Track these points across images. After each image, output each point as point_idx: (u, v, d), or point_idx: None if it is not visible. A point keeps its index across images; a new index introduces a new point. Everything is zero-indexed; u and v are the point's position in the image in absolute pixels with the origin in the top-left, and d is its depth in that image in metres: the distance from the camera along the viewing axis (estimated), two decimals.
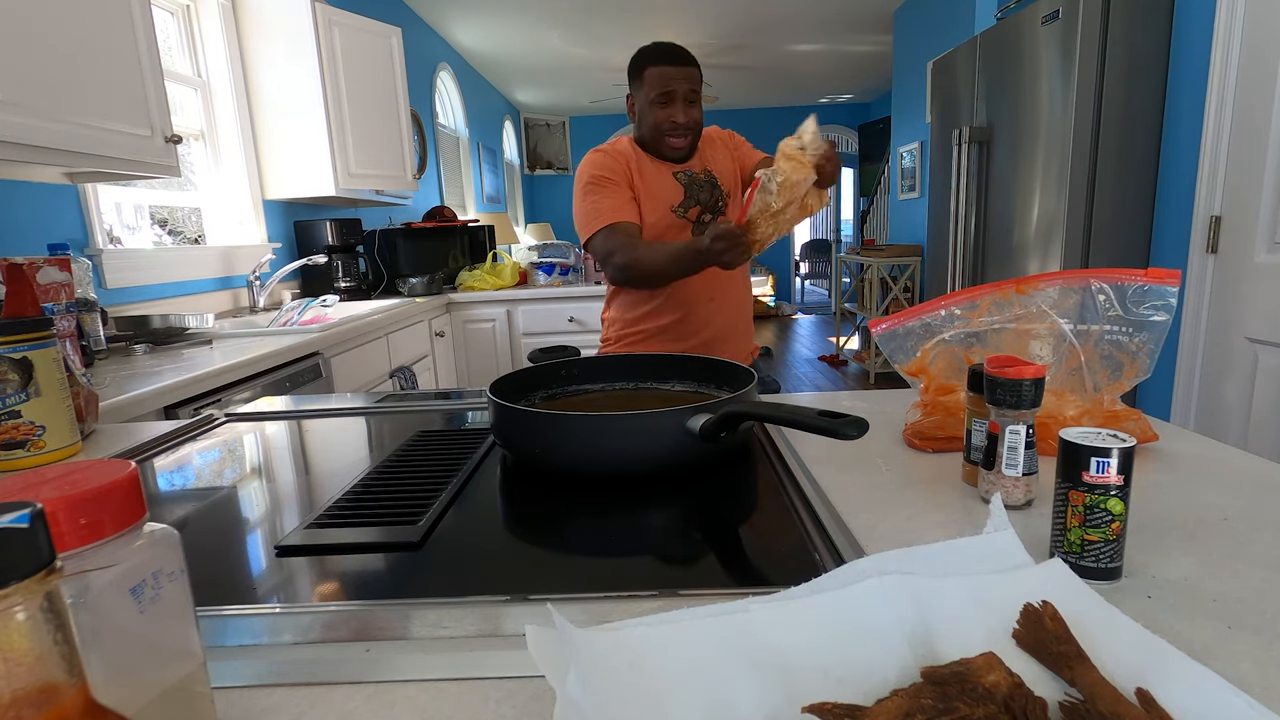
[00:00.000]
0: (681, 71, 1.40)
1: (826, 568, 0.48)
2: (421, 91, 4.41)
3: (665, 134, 1.41)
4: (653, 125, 1.42)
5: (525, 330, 3.17)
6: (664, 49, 1.41)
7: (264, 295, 2.50)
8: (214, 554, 0.58)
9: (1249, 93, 1.87)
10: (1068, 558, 0.46)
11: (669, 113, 1.40)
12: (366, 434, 0.93)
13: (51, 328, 0.80)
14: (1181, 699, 0.33)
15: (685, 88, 1.40)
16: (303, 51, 2.62)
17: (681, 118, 1.40)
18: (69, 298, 1.33)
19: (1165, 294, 0.68)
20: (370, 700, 0.38)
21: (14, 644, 0.21)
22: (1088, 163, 2.27)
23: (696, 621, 0.40)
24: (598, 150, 1.47)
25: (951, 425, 0.73)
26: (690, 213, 1.47)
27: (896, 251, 4.83)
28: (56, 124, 1.37)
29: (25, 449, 0.78)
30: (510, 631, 0.43)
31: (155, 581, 0.29)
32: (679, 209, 1.46)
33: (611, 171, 1.43)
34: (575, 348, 1.00)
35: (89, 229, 1.89)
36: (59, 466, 0.30)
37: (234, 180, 2.66)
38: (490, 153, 6.28)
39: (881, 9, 4.90)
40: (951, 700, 0.32)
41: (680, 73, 1.39)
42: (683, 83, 1.40)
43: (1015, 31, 2.51)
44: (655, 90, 1.39)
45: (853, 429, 0.57)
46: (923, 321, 0.75)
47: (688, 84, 1.40)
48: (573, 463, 0.70)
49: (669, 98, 1.39)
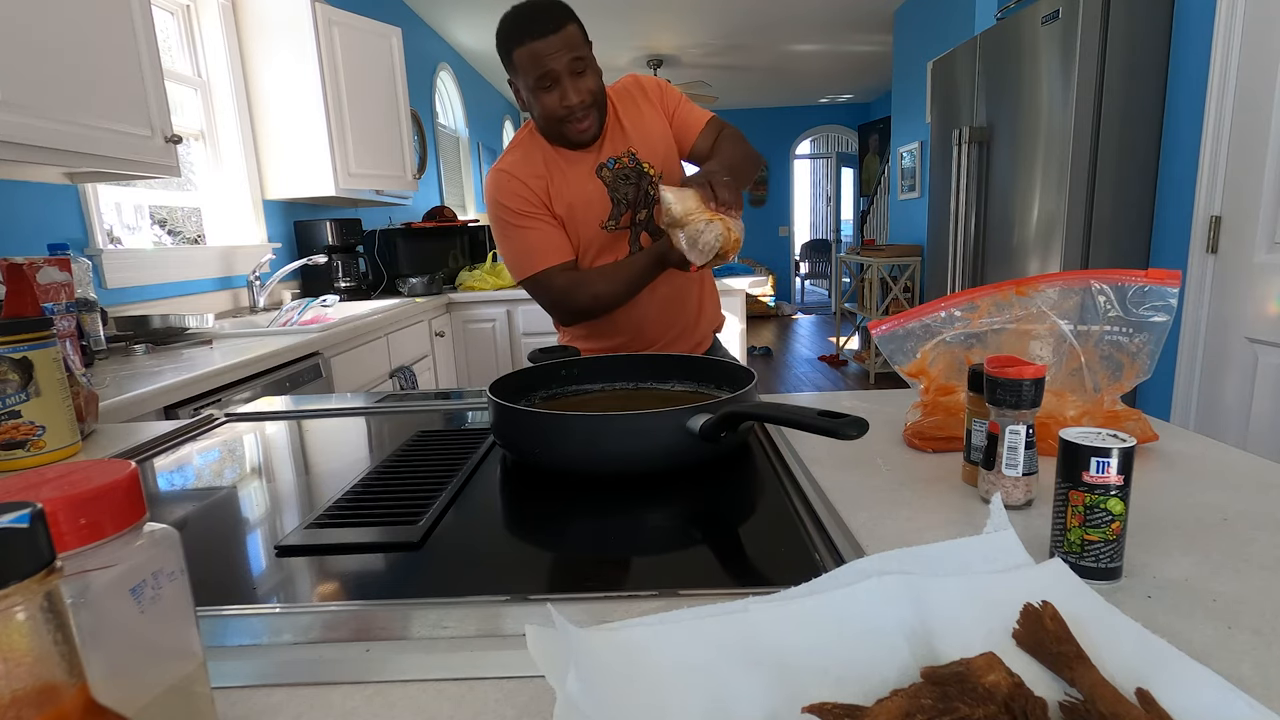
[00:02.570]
0: (555, 42, 1.11)
1: (826, 568, 0.48)
2: (421, 91, 4.41)
3: (562, 122, 1.18)
4: (544, 116, 1.18)
5: (525, 330, 3.17)
6: (525, 19, 1.12)
7: (264, 295, 2.50)
8: (214, 554, 0.58)
9: (1249, 93, 1.87)
10: (1068, 558, 0.46)
11: (556, 97, 1.15)
12: (366, 434, 0.93)
13: (51, 328, 0.80)
14: (1181, 699, 0.33)
15: (566, 59, 1.12)
16: (303, 51, 2.62)
17: (573, 98, 1.15)
18: (69, 298, 1.33)
19: (1165, 294, 0.68)
20: (370, 700, 0.38)
21: (14, 644, 0.21)
22: (1088, 163, 2.27)
23: (696, 621, 0.40)
24: (503, 171, 1.24)
25: (951, 425, 0.73)
26: (623, 219, 1.26)
27: (896, 251, 4.83)
28: (56, 124, 1.37)
29: (25, 449, 0.78)
30: (510, 631, 0.43)
31: (155, 581, 0.29)
32: (609, 223, 1.26)
33: (525, 202, 1.22)
34: (575, 348, 1.00)
35: (89, 229, 1.89)
36: (59, 466, 0.30)
37: (234, 180, 2.66)
38: (490, 153, 6.28)
39: (881, 9, 4.90)
40: (951, 700, 0.32)
41: (554, 43, 1.11)
42: (561, 55, 1.11)
43: (1015, 31, 2.51)
44: (531, 75, 1.13)
45: (853, 429, 0.57)
46: (923, 323, 0.75)
47: (567, 53, 1.12)
48: (573, 463, 0.70)
49: (551, 79, 1.13)
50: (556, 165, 1.24)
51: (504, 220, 1.25)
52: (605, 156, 1.25)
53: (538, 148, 1.26)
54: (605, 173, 1.25)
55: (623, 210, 1.26)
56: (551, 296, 1.27)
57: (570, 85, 1.14)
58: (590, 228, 1.26)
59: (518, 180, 1.23)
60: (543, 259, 1.24)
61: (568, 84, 1.14)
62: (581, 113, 1.17)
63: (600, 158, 1.25)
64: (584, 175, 1.25)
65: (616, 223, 1.26)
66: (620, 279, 1.23)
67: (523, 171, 1.23)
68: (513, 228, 1.24)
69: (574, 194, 1.24)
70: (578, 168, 1.25)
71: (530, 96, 1.18)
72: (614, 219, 1.26)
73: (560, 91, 1.15)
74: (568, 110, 1.16)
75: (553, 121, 1.18)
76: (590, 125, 1.20)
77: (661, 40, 5.50)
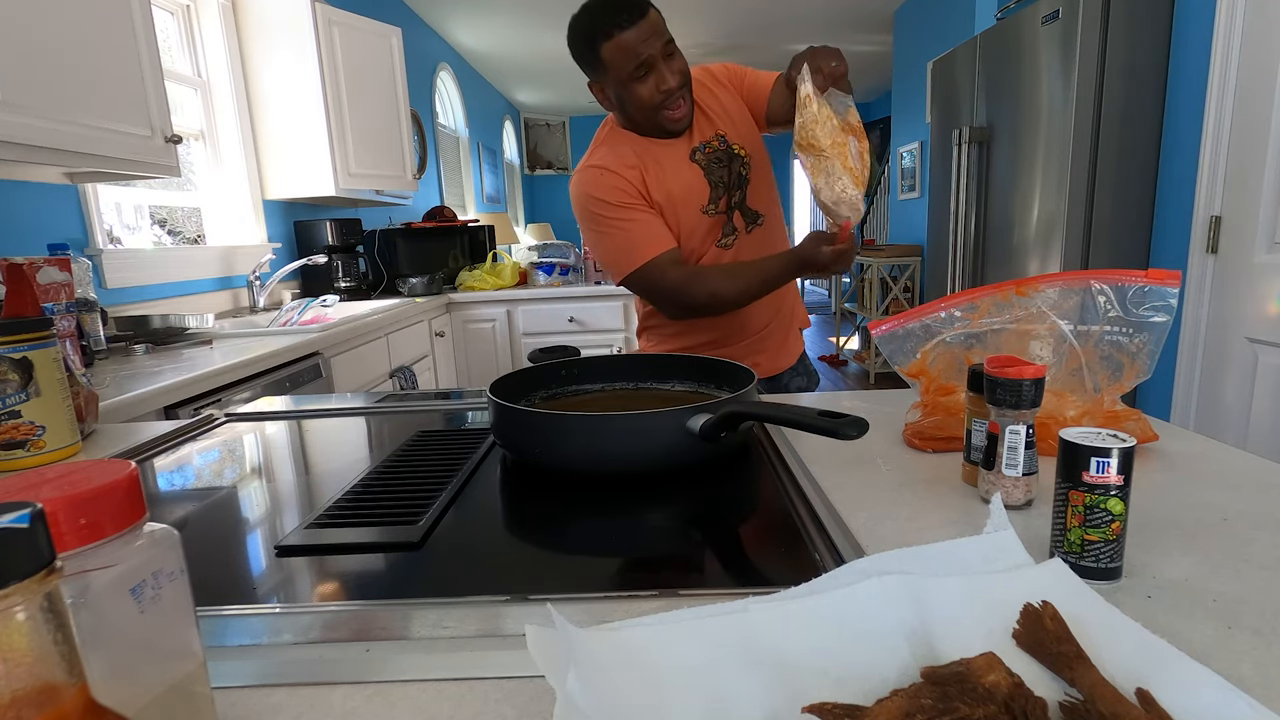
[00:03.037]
0: (644, 28, 1.09)
1: (826, 568, 0.48)
2: (421, 91, 4.41)
3: (658, 109, 1.15)
4: (641, 106, 1.16)
5: (525, 330, 3.17)
6: (607, 12, 1.10)
7: (264, 295, 2.50)
8: (214, 554, 0.58)
9: (1249, 93, 1.87)
10: (1068, 558, 0.46)
11: (652, 84, 1.13)
12: (366, 434, 0.93)
13: (51, 328, 0.80)
14: (1181, 699, 0.33)
15: (658, 45, 1.10)
16: (303, 51, 2.63)
17: (670, 81, 1.13)
18: (69, 298, 1.33)
19: (1165, 295, 0.68)
20: (370, 700, 0.38)
21: (14, 644, 0.21)
22: (1088, 163, 2.27)
23: (696, 622, 0.40)
24: (594, 166, 1.21)
25: (951, 425, 0.73)
26: (721, 203, 1.24)
27: (896, 251, 4.83)
28: (56, 124, 1.37)
29: (25, 449, 0.78)
30: (510, 631, 0.43)
31: (155, 581, 0.29)
32: (710, 207, 1.23)
33: (623, 194, 1.19)
34: (575, 348, 1.00)
35: (89, 229, 1.89)
36: (59, 466, 0.30)
37: (234, 180, 2.66)
38: (490, 153, 6.28)
39: (881, 9, 4.90)
40: (951, 700, 0.32)
41: (643, 30, 1.09)
42: (652, 41, 1.10)
43: (1015, 31, 2.51)
44: (625, 68, 1.11)
45: (853, 429, 0.57)
46: (923, 323, 0.75)
47: (657, 38, 1.10)
48: (573, 463, 0.70)
49: (646, 67, 1.11)
50: (649, 154, 1.22)
51: (600, 216, 1.21)
52: (696, 141, 1.24)
53: (625, 141, 1.24)
54: (699, 156, 1.23)
55: (720, 194, 1.24)
56: (664, 290, 1.22)
57: (665, 69, 1.12)
58: (692, 213, 1.23)
59: (611, 173, 1.20)
60: (649, 249, 1.20)
61: (663, 69, 1.12)
62: (678, 96, 1.16)
63: (692, 143, 1.24)
64: (679, 161, 1.23)
65: (716, 206, 1.24)
66: (744, 277, 1.18)
67: (616, 164, 1.20)
68: (610, 223, 1.21)
69: (672, 181, 1.22)
70: (671, 154, 1.23)
71: (621, 91, 1.16)
72: (713, 202, 1.24)
73: (656, 77, 1.13)
74: (665, 95, 1.14)
75: (648, 110, 1.16)
76: (685, 108, 1.18)
77: None
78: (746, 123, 1.27)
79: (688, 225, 1.24)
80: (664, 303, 1.27)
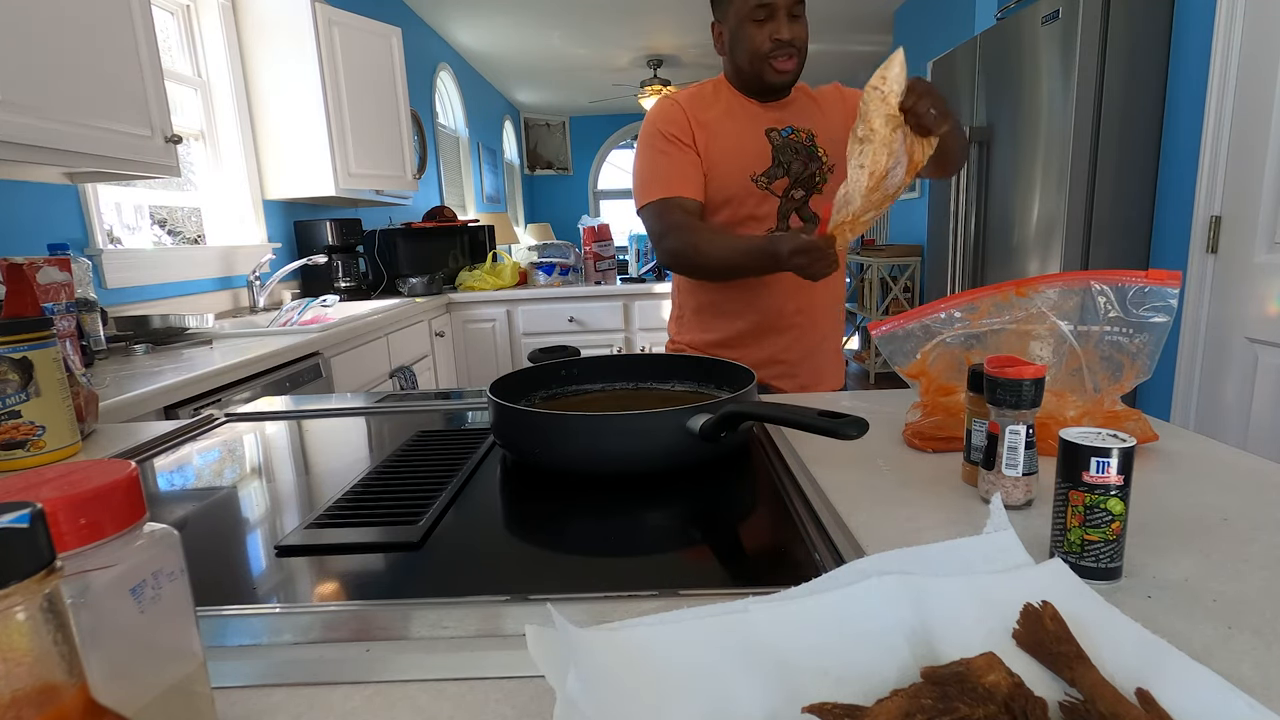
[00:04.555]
0: None
1: (826, 568, 0.48)
2: (421, 91, 4.41)
3: (768, 56, 1.16)
4: (750, 50, 1.17)
5: (525, 330, 3.17)
6: None
7: (264, 295, 2.50)
8: (214, 554, 0.58)
9: (1249, 93, 1.87)
10: (1068, 558, 0.46)
11: (771, 29, 1.15)
12: (366, 434, 0.93)
13: (51, 328, 0.80)
14: (1181, 699, 0.33)
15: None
16: (303, 51, 2.62)
17: (786, 33, 1.15)
18: (69, 298, 1.33)
19: (1166, 295, 0.68)
20: (370, 700, 0.38)
21: (14, 644, 0.21)
22: (1088, 163, 2.27)
23: (696, 621, 0.40)
24: (670, 98, 1.25)
25: (951, 425, 0.73)
26: (776, 184, 1.22)
27: (896, 251, 4.83)
28: (56, 124, 1.37)
29: (25, 449, 0.78)
30: (510, 631, 0.43)
31: (155, 581, 0.29)
32: (761, 178, 1.22)
33: (679, 128, 1.21)
34: (575, 348, 1.00)
35: (89, 229, 1.89)
36: (59, 466, 0.30)
37: (234, 180, 2.66)
38: (490, 153, 6.28)
39: (881, 9, 4.90)
40: (951, 700, 0.32)
41: None
42: None
43: (1015, 31, 2.51)
44: (749, 4, 1.15)
45: (853, 429, 0.57)
46: (922, 324, 0.75)
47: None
48: (573, 463, 0.70)
49: (769, 11, 1.14)
50: (730, 109, 1.23)
51: (649, 141, 1.23)
52: (784, 124, 1.24)
53: (719, 91, 1.25)
54: (775, 135, 1.23)
55: (779, 174, 1.23)
56: (660, 227, 1.22)
57: (786, 21, 1.15)
58: (739, 175, 1.22)
59: (679, 107, 1.23)
60: (669, 188, 1.21)
61: (783, 19, 1.15)
62: (788, 50, 1.16)
63: (777, 123, 1.24)
64: (753, 128, 1.23)
65: (769, 181, 1.22)
66: (723, 246, 1.16)
67: (689, 103, 1.23)
68: (653, 150, 1.23)
69: (733, 138, 1.22)
70: (750, 117, 1.23)
71: (737, 29, 1.18)
72: (768, 176, 1.22)
73: (774, 25, 1.14)
74: (778, 44, 1.15)
75: (757, 58, 1.17)
76: (793, 66, 1.18)
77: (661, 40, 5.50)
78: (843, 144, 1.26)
79: (731, 189, 1.22)
80: (657, 240, 1.26)
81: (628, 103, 7.05)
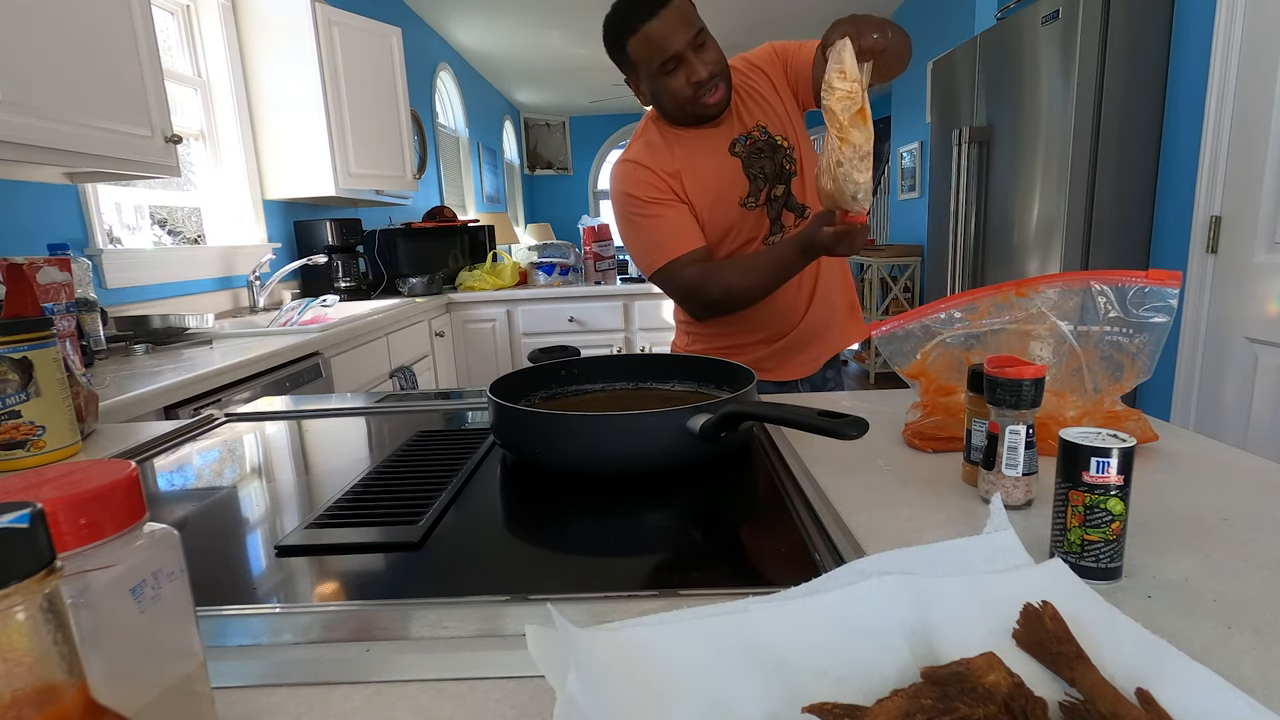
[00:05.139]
0: (670, 18, 1.06)
1: (826, 568, 0.48)
2: (421, 91, 4.41)
3: (695, 100, 1.12)
4: (674, 100, 1.13)
5: (525, 330, 3.17)
6: (633, 6, 1.08)
7: (264, 295, 2.50)
8: (214, 554, 0.58)
9: (1249, 93, 1.87)
10: (1068, 558, 0.46)
11: (685, 74, 1.10)
12: (366, 434, 0.93)
13: (51, 328, 0.80)
14: (1181, 699, 0.33)
15: (686, 37, 1.07)
16: (303, 51, 2.63)
17: (701, 72, 1.09)
18: (69, 298, 1.33)
19: (1166, 295, 0.68)
20: (370, 700, 0.38)
21: (14, 644, 0.21)
22: (1088, 163, 2.27)
23: (696, 621, 0.40)
24: (629, 161, 1.21)
25: (951, 425, 0.73)
26: (761, 196, 1.20)
27: (896, 251, 4.83)
28: (56, 124, 1.37)
29: (25, 449, 0.78)
30: (510, 631, 0.43)
31: (155, 581, 0.29)
32: (749, 200, 1.20)
33: (653, 189, 1.18)
34: (575, 348, 1.00)
35: (89, 229, 1.89)
36: (59, 466, 0.30)
37: (234, 180, 2.66)
38: (490, 153, 6.28)
39: (881, 9, 4.90)
40: (951, 700, 0.32)
41: (669, 21, 1.06)
42: (680, 32, 1.07)
43: (1015, 31, 2.51)
44: (653, 62, 1.09)
45: (853, 429, 0.57)
46: (922, 324, 0.75)
47: (686, 30, 1.07)
48: (573, 463, 0.70)
49: (674, 61, 1.09)
50: (687, 147, 1.20)
51: (630, 213, 1.20)
52: (736, 133, 1.20)
53: (663, 134, 1.21)
54: (739, 148, 1.20)
55: (760, 186, 1.21)
56: (682, 289, 1.20)
57: (696, 61, 1.09)
58: (730, 208, 1.20)
59: (644, 168, 1.18)
60: (672, 249, 1.17)
61: (693, 60, 1.09)
62: (711, 85, 1.12)
63: (732, 134, 1.20)
64: (718, 154, 1.20)
65: (756, 200, 1.21)
66: (757, 269, 1.13)
67: (650, 159, 1.19)
68: (639, 219, 1.19)
69: (710, 174, 1.19)
70: (709, 145, 1.20)
71: (653, 85, 1.14)
72: (753, 195, 1.20)
73: (686, 70, 1.10)
74: (697, 86, 1.11)
75: (683, 103, 1.13)
76: (721, 94, 1.14)
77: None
78: (790, 111, 1.22)
79: (727, 221, 1.21)
80: (685, 302, 1.25)
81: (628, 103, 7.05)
